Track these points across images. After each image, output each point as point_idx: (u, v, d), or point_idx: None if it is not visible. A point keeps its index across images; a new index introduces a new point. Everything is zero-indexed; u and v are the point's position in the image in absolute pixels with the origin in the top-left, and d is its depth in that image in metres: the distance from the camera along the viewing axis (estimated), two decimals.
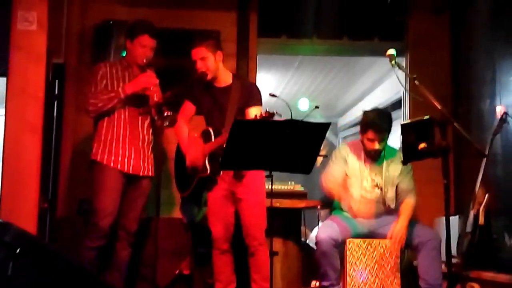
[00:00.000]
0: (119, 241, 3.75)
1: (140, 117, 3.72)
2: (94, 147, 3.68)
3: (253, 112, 3.49)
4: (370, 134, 3.74)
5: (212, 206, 3.68)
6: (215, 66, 3.61)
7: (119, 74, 3.72)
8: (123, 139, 3.67)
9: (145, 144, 3.76)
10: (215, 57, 3.61)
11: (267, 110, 3.07)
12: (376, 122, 3.72)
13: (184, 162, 3.70)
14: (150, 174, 3.78)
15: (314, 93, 8.19)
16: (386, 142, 3.80)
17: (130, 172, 3.67)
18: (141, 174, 3.72)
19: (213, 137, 3.56)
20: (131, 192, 3.74)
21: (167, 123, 3.47)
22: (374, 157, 3.83)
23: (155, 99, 3.56)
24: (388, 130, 3.75)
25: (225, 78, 3.69)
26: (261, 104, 3.62)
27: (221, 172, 3.56)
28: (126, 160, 3.66)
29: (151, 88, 3.62)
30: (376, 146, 3.74)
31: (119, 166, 3.64)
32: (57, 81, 4.55)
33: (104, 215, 3.58)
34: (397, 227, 3.69)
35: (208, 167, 3.55)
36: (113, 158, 3.64)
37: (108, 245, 3.72)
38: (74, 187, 4.50)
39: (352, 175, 3.84)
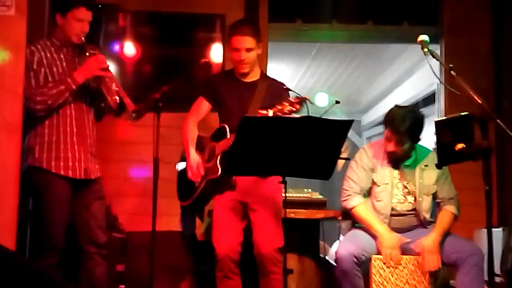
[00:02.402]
0: (91, 258, 3.65)
1: (86, 112, 3.67)
2: (37, 151, 3.57)
3: None
4: (387, 132, 3.74)
5: (218, 220, 3.67)
6: (256, 60, 3.66)
7: (55, 56, 3.63)
8: (71, 139, 3.60)
9: (92, 141, 3.71)
10: (258, 49, 3.65)
11: (298, 95, 3.09)
12: (395, 120, 3.68)
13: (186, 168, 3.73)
14: (99, 174, 3.73)
15: (334, 86, 8.17)
16: (406, 148, 3.73)
17: (82, 177, 3.61)
18: (92, 177, 3.67)
19: (228, 133, 3.56)
20: (84, 198, 3.67)
21: (134, 116, 3.47)
22: (394, 160, 3.81)
23: (115, 87, 3.54)
24: (409, 134, 3.68)
25: (254, 73, 3.72)
26: None
27: (233, 176, 3.56)
28: (77, 164, 3.60)
29: (105, 74, 3.56)
30: (390, 148, 3.72)
31: (70, 172, 3.57)
32: None
33: (55, 232, 3.55)
34: (429, 241, 3.66)
35: (219, 167, 3.55)
36: (62, 163, 3.56)
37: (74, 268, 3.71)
38: None
39: (381, 182, 3.82)
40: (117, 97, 3.53)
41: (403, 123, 3.67)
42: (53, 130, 3.58)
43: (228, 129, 3.58)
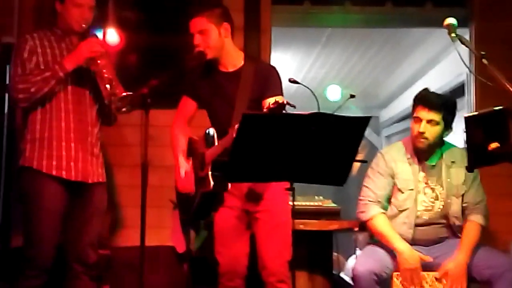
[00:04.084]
0: (78, 277, 3.69)
1: (89, 106, 3.71)
2: (27, 149, 3.63)
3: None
4: (418, 111, 3.76)
5: (220, 230, 3.68)
6: (219, 42, 3.61)
7: (54, 45, 3.71)
8: (67, 135, 3.63)
9: (94, 140, 3.74)
10: (220, 30, 3.61)
11: (276, 99, 3.06)
12: (429, 95, 3.79)
13: None
14: (101, 180, 3.77)
15: (347, 78, 8.18)
16: (437, 131, 3.77)
17: (79, 179, 3.64)
18: (90, 181, 3.69)
19: (216, 139, 3.56)
20: (81, 211, 3.71)
21: (125, 108, 3.49)
22: (424, 154, 3.82)
23: (106, 74, 3.58)
24: (444, 112, 3.73)
25: (234, 59, 3.68)
26: (282, 94, 3.62)
27: (230, 186, 3.57)
28: (72, 164, 3.62)
29: (98, 61, 3.61)
30: (421, 128, 3.74)
31: (63, 173, 3.60)
32: (8, 66, 4.57)
33: (42, 245, 3.57)
34: (453, 265, 3.67)
35: (211, 180, 3.55)
36: (54, 163, 3.59)
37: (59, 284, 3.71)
38: None
39: (405, 188, 3.83)
40: (108, 86, 3.56)
41: (439, 97, 3.78)
42: (46, 125, 3.63)
43: (215, 134, 3.59)
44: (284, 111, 3.05)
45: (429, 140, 3.77)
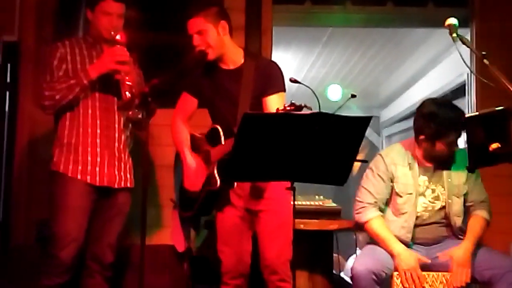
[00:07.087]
0: (92, 276, 3.76)
1: (117, 113, 3.75)
2: (55, 154, 3.72)
3: (274, 101, 3.49)
4: (452, 136, 3.71)
5: (223, 230, 3.69)
6: (219, 41, 3.62)
7: (84, 53, 3.77)
8: (93, 141, 3.70)
9: (122, 146, 3.79)
10: (218, 29, 3.61)
11: (293, 101, 3.06)
12: (459, 121, 3.68)
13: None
14: (128, 185, 3.81)
15: (348, 77, 8.18)
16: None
17: (104, 184, 3.70)
18: (116, 186, 3.75)
19: (222, 138, 3.56)
20: (104, 212, 3.77)
21: (143, 114, 3.50)
22: (438, 163, 3.81)
23: (127, 82, 3.61)
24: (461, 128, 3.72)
25: (235, 56, 3.69)
26: (284, 90, 3.63)
27: (235, 185, 3.57)
28: (98, 169, 3.69)
29: (121, 69, 3.63)
30: (451, 152, 3.74)
31: (88, 178, 3.67)
32: (9, 64, 4.58)
33: (65, 243, 3.60)
34: (459, 251, 3.67)
35: (217, 179, 3.56)
36: (80, 167, 3.66)
37: (76, 281, 3.74)
38: (32, 206, 4.52)
39: (403, 192, 3.82)
40: (127, 93, 3.57)
41: (458, 115, 3.71)
42: (73, 131, 3.69)
43: (221, 133, 3.59)
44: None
45: (445, 157, 3.79)
